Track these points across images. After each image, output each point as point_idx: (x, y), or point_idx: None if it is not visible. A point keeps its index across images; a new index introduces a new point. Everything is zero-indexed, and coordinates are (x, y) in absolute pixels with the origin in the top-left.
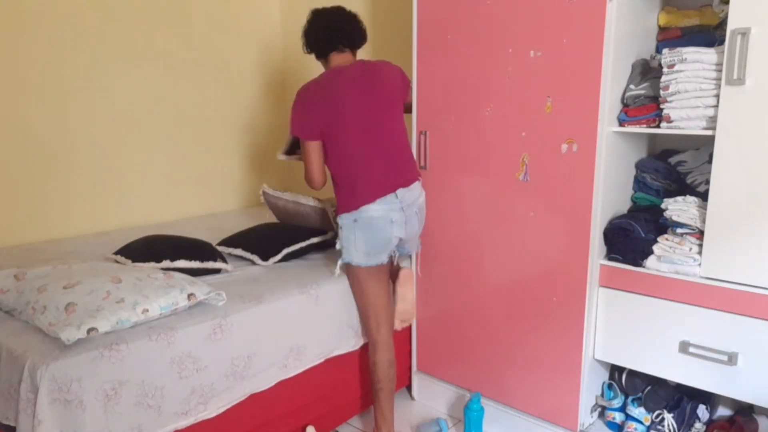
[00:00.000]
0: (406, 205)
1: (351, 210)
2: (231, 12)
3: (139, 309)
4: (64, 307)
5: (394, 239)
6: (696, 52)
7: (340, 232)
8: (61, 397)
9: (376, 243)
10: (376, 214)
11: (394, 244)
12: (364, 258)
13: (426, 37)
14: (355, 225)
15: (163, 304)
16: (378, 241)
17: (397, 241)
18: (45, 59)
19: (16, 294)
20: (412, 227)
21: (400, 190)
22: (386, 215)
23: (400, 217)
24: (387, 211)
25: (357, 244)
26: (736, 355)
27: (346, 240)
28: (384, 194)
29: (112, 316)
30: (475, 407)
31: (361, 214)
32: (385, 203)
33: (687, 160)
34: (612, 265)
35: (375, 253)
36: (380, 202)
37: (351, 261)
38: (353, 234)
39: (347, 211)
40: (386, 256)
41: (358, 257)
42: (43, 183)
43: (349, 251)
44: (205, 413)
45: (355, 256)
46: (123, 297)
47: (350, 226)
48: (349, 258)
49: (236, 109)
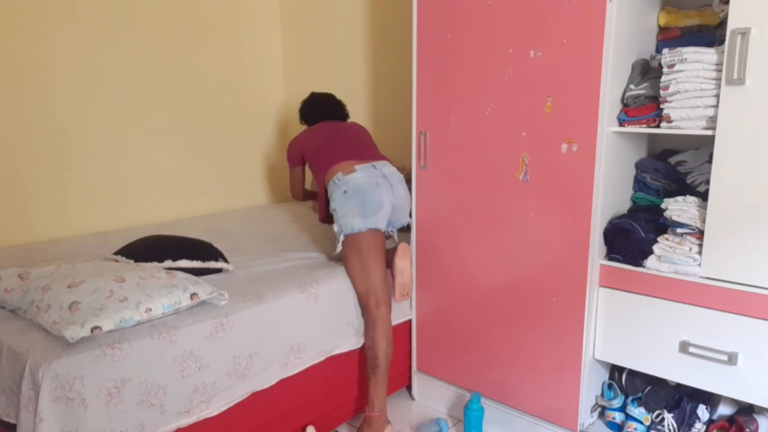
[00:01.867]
0: (387, 174)
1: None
2: (233, 12)
3: (142, 308)
4: (68, 305)
5: (385, 202)
6: (696, 52)
7: (335, 214)
8: (63, 395)
9: (368, 204)
10: (361, 181)
11: (387, 208)
12: (360, 221)
13: (426, 37)
14: (345, 196)
15: (166, 304)
16: (370, 202)
17: (389, 206)
18: (45, 60)
19: (21, 293)
20: (399, 193)
21: (375, 162)
22: (371, 180)
23: (384, 182)
24: (370, 177)
25: (352, 210)
26: (736, 355)
27: (341, 213)
28: (362, 162)
29: (115, 315)
30: (475, 407)
31: (348, 185)
32: (366, 171)
33: (687, 160)
34: (612, 265)
35: (370, 214)
36: (360, 170)
37: (351, 228)
38: (346, 204)
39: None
40: (382, 220)
41: (356, 222)
42: (43, 183)
43: (347, 220)
44: (208, 411)
45: (353, 222)
46: (126, 296)
47: (341, 198)
48: (348, 227)
49: (237, 109)
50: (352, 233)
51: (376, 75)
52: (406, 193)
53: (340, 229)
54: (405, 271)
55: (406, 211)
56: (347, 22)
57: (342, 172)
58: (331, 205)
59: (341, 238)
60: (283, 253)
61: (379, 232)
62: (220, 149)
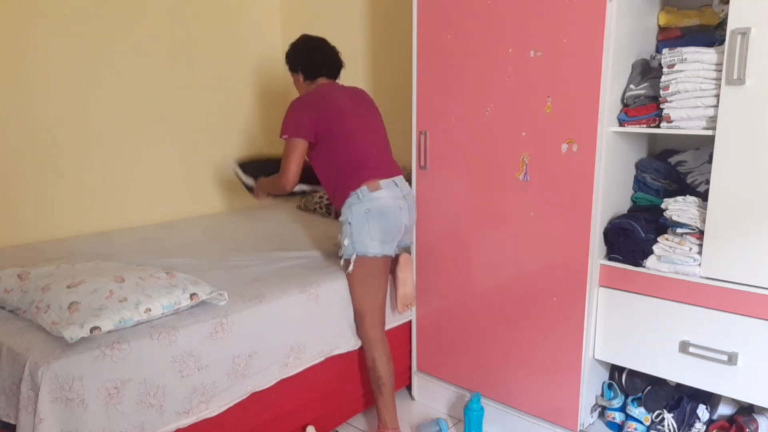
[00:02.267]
0: (406, 193)
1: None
2: (232, 14)
3: (141, 308)
4: (67, 306)
5: (402, 226)
6: (696, 52)
7: (347, 228)
8: (62, 395)
9: (389, 230)
10: (386, 202)
11: (402, 232)
12: (380, 247)
13: (426, 37)
14: (368, 215)
15: (165, 304)
16: (391, 228)
17: (404, 230)
18: (45, 61)
19: (20, 293)
20: (412, 215)
21: (396, 179)
22: (395, 202)
23: (404, 204)
24: (393, 198)
25: (372, 233)
26: (736, 355)
27: (358, 233)
28: (386, 177)
29: (114, 315)
30: (475, 407)
31: (372, 203)
32: (390, 191)
33: (687, 160)
34: (612, 265)
35: (389, 240)
36: (385, 188)
37: (367, 252)
38: (367, 224)
39: (342, 199)
40: (396, 245)
41: (374, 247)
42: (43, 183)
43: (364, 243)
44: (207, 412)
45: (371, 247)
46: (126, 296)
47: (362, 217)
48: (363, 250)
49: (237, 110)
50: (365, 256)
51: (376, 75)
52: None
53: (353, 248)
54: (407, 282)
55: (412, 232)
56: (347, 22)
57: (368, 186)
58: (346, 216)
59: (353, 258)
60: (283, 253)
61: (390, 257)
62: (220, 149)
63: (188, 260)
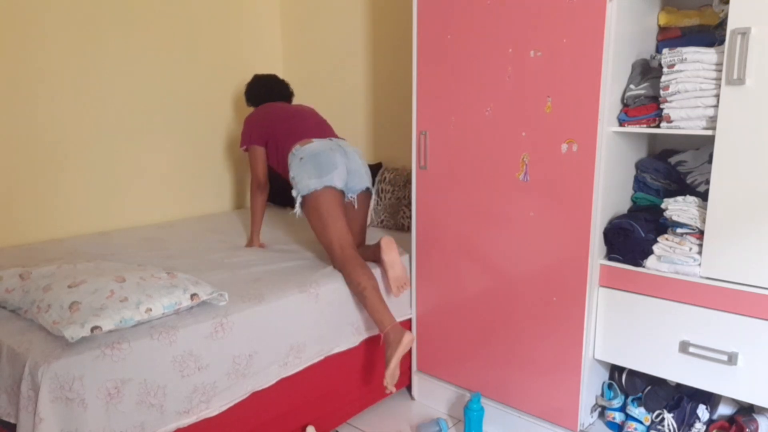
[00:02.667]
0: (343, 144)
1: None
2: (231, 15)
3: (142, 308)
4: (68, 305)
5: (339, 164)
6: (696, 52)
7: (293, 182)
8: (62, 395)
9: (323, 164)
10: (316, 147)
11: (341, 170)
12: (316, 181)
13: (426, 37)
14: (302, 162)
15: (166, 304)
16: (324, 164)
17: (344, 169)
18: (45, 61)
19: (22, 293)
20: (354, 159)
21: (333, 138)
22: (325, 146)
23: (339, 149)
24: (324, 145)
25: (307, 172)
26: (736, 355)
27: (298, 178)
28: (318, 137)
29: (115, 315)
30: (475, 407)
31: (304, 152)
32: (322, 142)
33: (687, 160)
34: (612, 265)
35: (325, 173)
36: (317, 141)
37: (308, 189)
38: (302, 168)
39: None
40: (338, 179)
41: (312, 182)
42: (43, 183)
43: (303, 182)
44: (207, 411)
45: (309, 183)
46: (127, 296)
47: (298, 165)
48: (305, 188)
49: (237, 110)
50: (309, 193)
51: (376, 75)
52: (363, 161)
53: (297, 192)
54: (395, 264)
55: (364, 177)
56: (347, 22)
57: (299, 143)
58: (290, 175)
59: (299, 200)
60: (282, 254)
61: (336, 191)
62: (220, 149)
63: (188, 260)
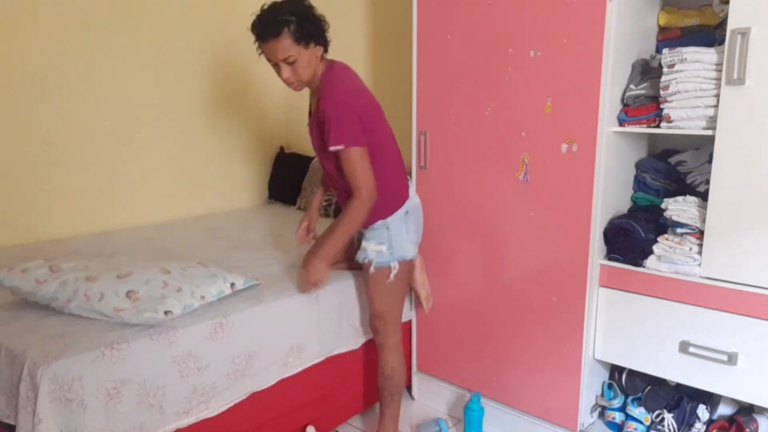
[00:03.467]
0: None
1: (398, 206)
2: (235, 12)
3: (197, 295)
4: (125, 293)
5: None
6: (696, 52)
7: (383, 233)
8: (61, 395)
9: (420, 229)
10: (418, 201)
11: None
12: (413, 248)
13: (426, 37)
14: (406, 217)
15: (214, 292)
16: (421, 227)
17: None
18: (45, 60)
19: (58, 284)
20: None
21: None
22: (420, 203)
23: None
24: (418, 198)
25: (409, 236)
26: (736, 355)
27: (397, 236)
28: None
29: (178, 302)
30: (475, 407)
31: (410, 204)
32: (413, 186)
33: (687, 160)
34: (612, 265)
35: (419, 241)
36: (411, 186)
37: (405, 256)
38: (404, 227)
39: (396, 208)
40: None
41: (411, 249)
42: (43, 183)
43: (403, 246)
44: (207, 412)
45: (408, 250)
46: (180, 286)
47: (401, 220)
48: (402, 253)
49: (237, 109)
50: (404, 261)
51: (376, 75)
52: None
53: (390, 254)
54: (425, 283)
55: None
56: (347, 22)
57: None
58: (385, 221)
59: (395, 264)
60: (283, 254)
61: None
62: (221, 149)
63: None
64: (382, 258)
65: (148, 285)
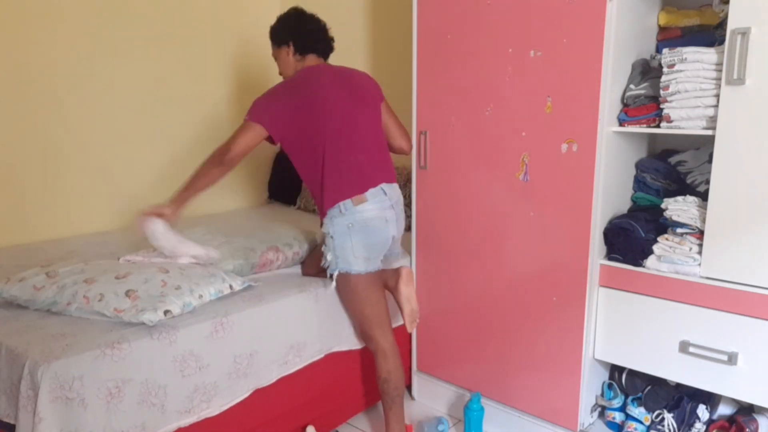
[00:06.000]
0: (395, 202)
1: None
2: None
3: (196, 294)
4: (124, 293)
5: (390, 239)
6: (696, 52)
7: (329, 241)
8: (62, 395)
9: (375, 246)
10: (371, 215)
11: (389, 245)
12: (363, 264)
13: (426, 37)
14: (350, 230)
15: (212, 291)
16: (377, 244)
17: (392, 241)
18: (44, 59)
19: (56, 289)
20: (401, 224)
21: (384, 185)
22: (381, 214)
23: (392, 215)
24: (380, 210)
25: (355, 250)
26: (736, 355)
27: (340, 248)
28: (371, 186)
29: (178, 301)
30: (475, 407)
31: (355, 217)
32: (377, 202)
33: (687, 160)
34: (612, 265)
35: (374, 257)
36: (371, 199)
37: (350, 269)
38: (349, 240)
39: (326, 204)
40: (382, 258)
41: (358, 264)
42: (43, 183)
43: (347, 259)
44: (208, 411)
45: (354, 264)
46: (179, 284)
47: (344, 233)
48: (347, 267)
49: (237, 109)
50: (349, 273)
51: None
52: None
53: (335, 263)
54: (412, 298)
55: (399, 242)
56: (347, 23)
57: (351, 200)
58: (327, 227)
59: (335, 274)
60: None
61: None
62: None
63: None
64: (330, 266)
65: (147, 284)
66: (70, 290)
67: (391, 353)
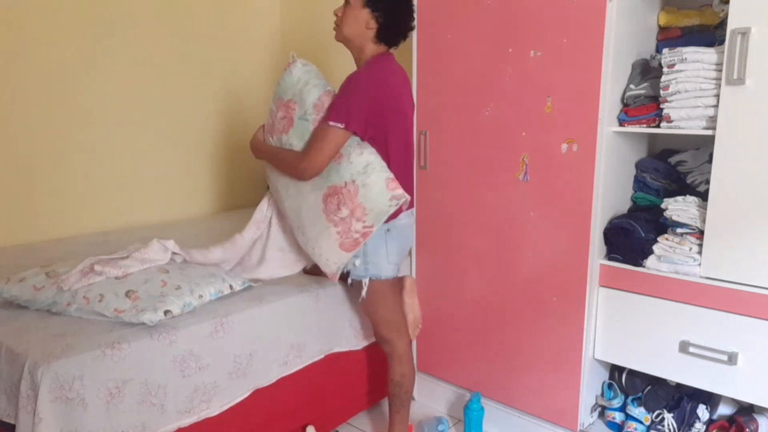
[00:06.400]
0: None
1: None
2: (230, 13)
3: (196, 294)
4: (124, 293)
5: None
6: (696, 52)
7: (363, 247)
8: (62, 395)
9: (404, 251)
10: (406, 221)
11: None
12: (393, 270)
13: (426, 37)
14: (387, 235)
15: (212, 291)
16: (405, 249)
17: None
18: (44, 59)
19: (56, 290)
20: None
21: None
22: (410, 223)
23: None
24: (410, 219)
25: (390, 257)
26: (736, 355)
27: (373, 254)
28: (410, 207)
29: (178, 300)
30: (475, 407)
31: (395, 224)
32: (410, 214)
33: (687, 160)
34: (612, 265)
35: (401, 263)
36: (406, 211)
37: (380, 275)
38: (384, 245)
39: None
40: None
41: (389, 270)
42: (42, 183)
43: (379, 265)
44: (208, 411)
45: (385, 270)
46: (179, 284)
47: (381, 237)
48: (377, 272)
49: (237, 109)
50: (379, 280)
51: None
52: None
53: (365, 270)
54: (415, 307)
55: None
56: None
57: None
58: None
59: (366, 281)
60: None
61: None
62: (222, 150)
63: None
64: (357, 272)
65: (147, 284)
66: (69, 291)
67: (406, 357)
